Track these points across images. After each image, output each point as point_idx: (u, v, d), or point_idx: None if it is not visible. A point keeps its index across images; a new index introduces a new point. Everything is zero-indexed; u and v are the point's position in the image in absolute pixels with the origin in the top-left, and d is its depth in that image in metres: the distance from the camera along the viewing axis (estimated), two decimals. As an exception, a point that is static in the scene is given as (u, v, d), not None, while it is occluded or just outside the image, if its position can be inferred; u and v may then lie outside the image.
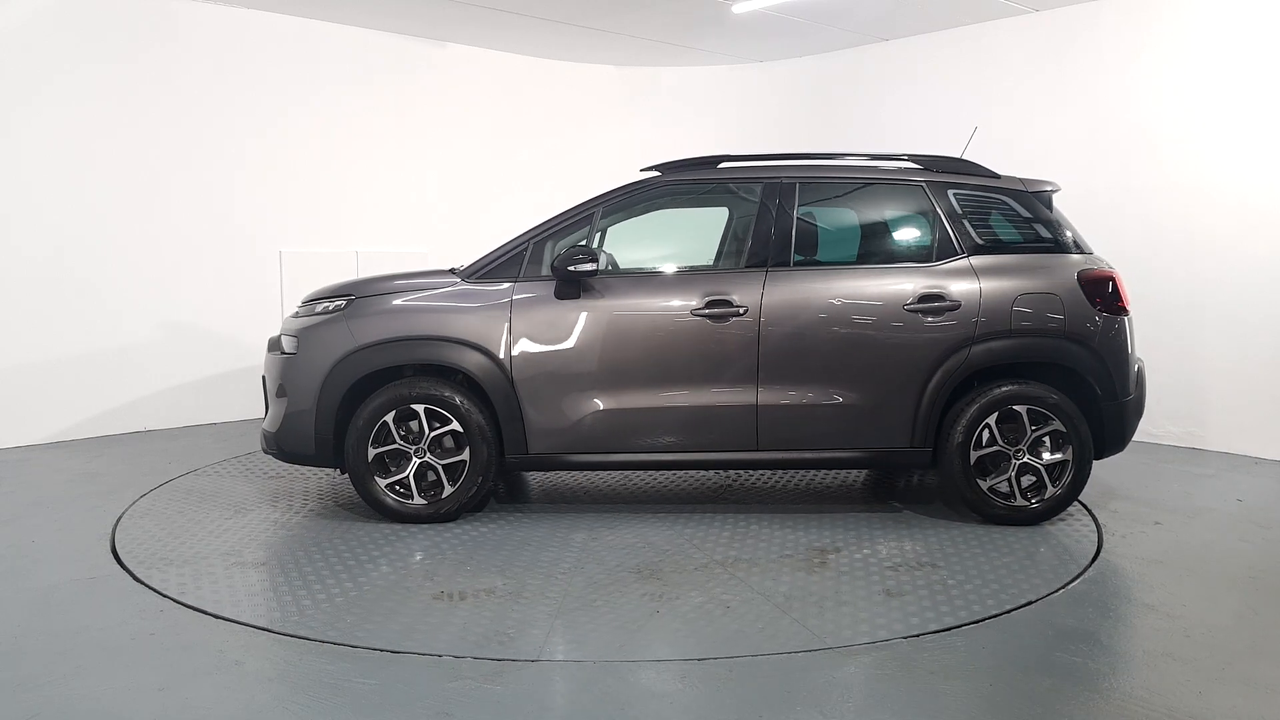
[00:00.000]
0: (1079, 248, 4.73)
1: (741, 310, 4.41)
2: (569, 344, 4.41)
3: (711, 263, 4.96)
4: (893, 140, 7.71)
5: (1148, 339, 6.40)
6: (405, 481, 4.44)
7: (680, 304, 4.45)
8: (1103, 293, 4.53)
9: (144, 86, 6.57)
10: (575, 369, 4.41)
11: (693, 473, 5.48)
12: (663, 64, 8.86)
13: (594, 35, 7.71)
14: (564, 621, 3.38)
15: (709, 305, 4.42)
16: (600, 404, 4.43)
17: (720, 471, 5.48)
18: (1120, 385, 4.51)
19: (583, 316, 4.42)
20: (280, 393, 4.52)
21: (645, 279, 4.60)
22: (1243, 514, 4.76)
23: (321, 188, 7.42)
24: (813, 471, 5.54)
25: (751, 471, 5.50)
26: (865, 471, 5.54)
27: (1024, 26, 6.93)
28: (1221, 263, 6.06)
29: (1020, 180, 4.84)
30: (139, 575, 3.81)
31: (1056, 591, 3.65)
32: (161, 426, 6.79)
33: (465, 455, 4.42)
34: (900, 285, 4.49)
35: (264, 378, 4.77)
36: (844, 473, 5.55)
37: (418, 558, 4.05)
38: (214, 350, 6.96)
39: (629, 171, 6.24)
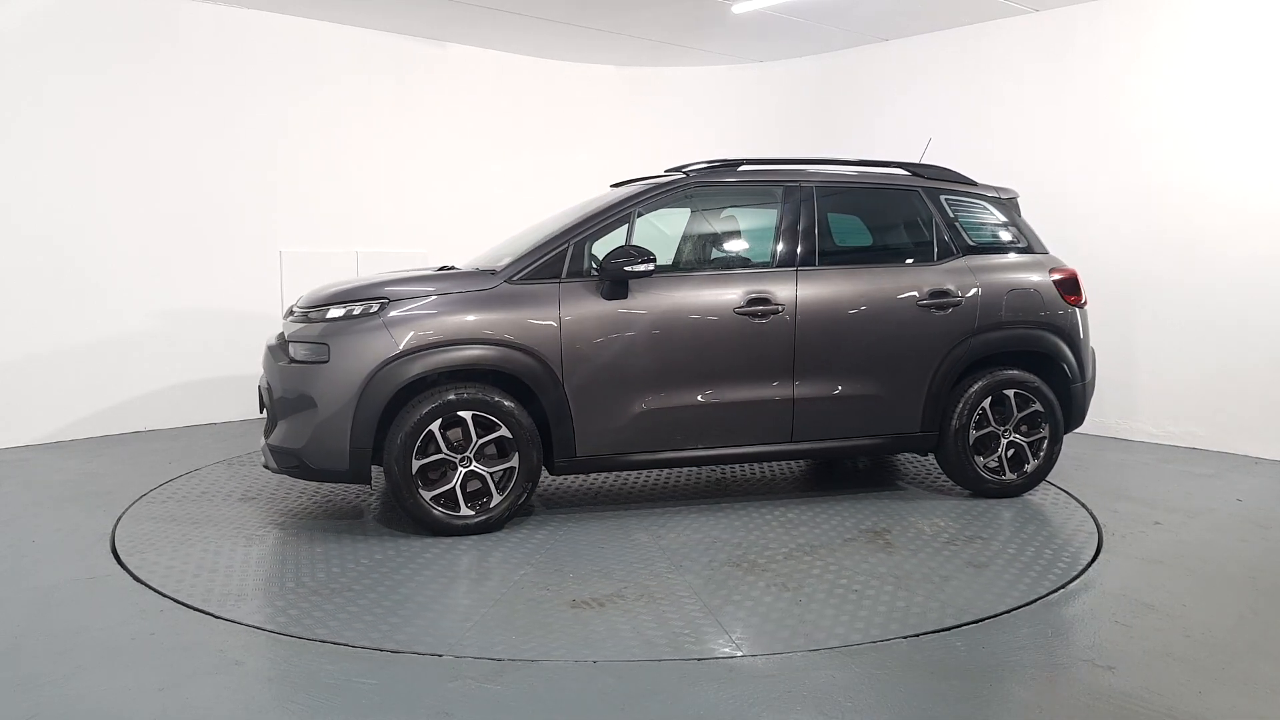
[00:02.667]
0: (1043, 248, 5.28)
1: (779, 308, 4.59)
2: (618, 344, 4.41)
3: (741, 262, 5.00)
4: (893, 140, 7.72)
5: (1147, 340, 6.42)
6: (451, 492, 4.25)
7: (723, 302, 4.57)
8: (1069, 288, 5.10)
9: (144, 86, 6.58)
10: (625, 369, 4.42)
11: (685, 469, 5.52)
12: (663, 64, 8.86)
13: (594, 35, 7.71)
14: (726, 618, 3.40)
15: (750, 303, 4.58)
16: (648, 403, 4.47)
17: (714, 467, 5.57)
18: (1082, 369, 5.12)
19: (631, 316, 4.43)
20: (303, 404, 4.17)
21: (686, 278, 4.67)
22: (1243, 514, 4.76)
23: (321, 188, 7.42)
24: (790, 461, 5.75)
25: (742, 465, 5.63)
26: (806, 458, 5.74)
27: (1024, 26, 6.94)
28: (1221, 263, 6.06)
29: (993, 187, 5.35)
30: (139, 575, 3.81)
31: (1056, 591, 3.66)
32: (161, 426, 6.79)
33: (514, 461, 4.28)
34: (912, 283, 4.85)
35: (267, 390, 4.43)
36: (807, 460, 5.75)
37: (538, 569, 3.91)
38: (214, 350, 6.96)
39: (630, 172, 6.25)
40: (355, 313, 4.25)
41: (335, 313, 4.29)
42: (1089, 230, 6.68)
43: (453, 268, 4.87)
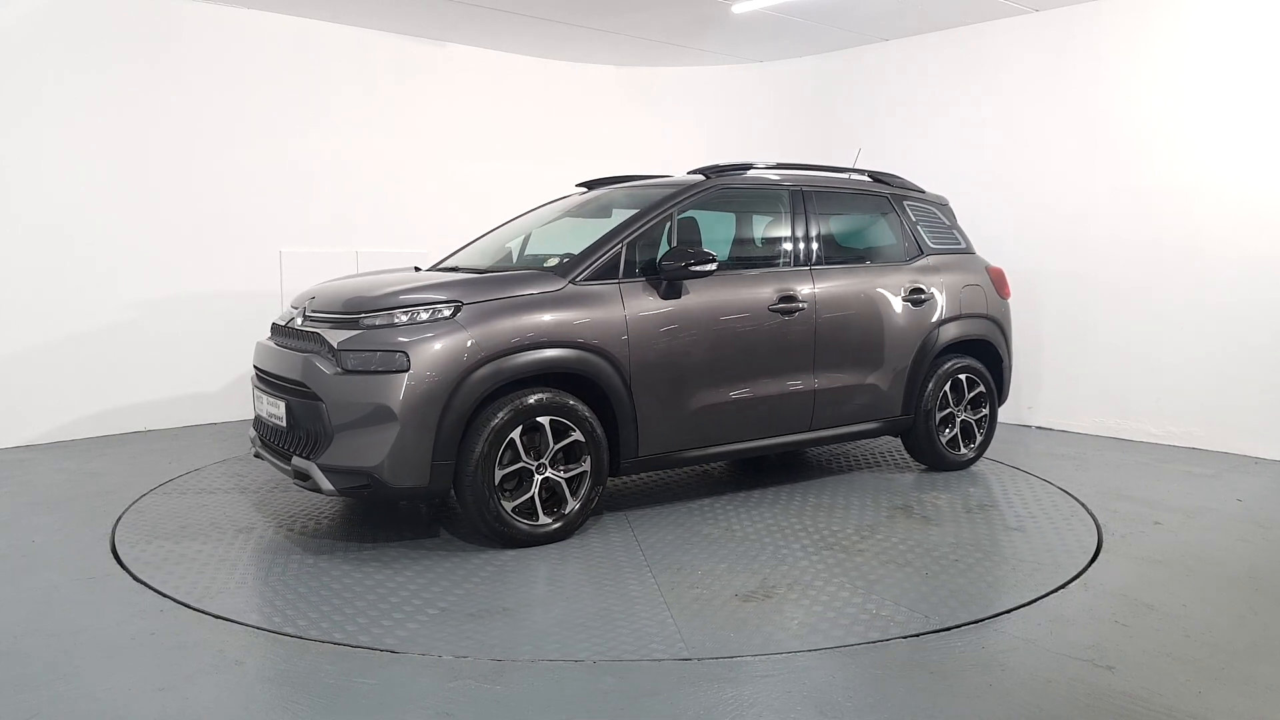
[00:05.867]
0: (972, 248, 5.92)
1: (803, 305, 4.87)
2: (677, 343, 4.47)
3: (765, 261, 5.14)
4: (893, 139, 7.72)
5: (1150, 339, 6.42)
6: (530, 501, 4.12)
7: (760, 300, 4.77)
8: (1001, 283, 5.83)
9: (143, 86, 6.58)
10: (682, 367, 4.49)
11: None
12: (663, 64, 8.86)
13: (594, 35, 7.71)
14: (894, 594, 3.61)
15: (781, 300, 4.82)
16: (701, 399, 4.57)
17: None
18: (1009, 353, 5.86)
19: (687, 315, 4.51)
20: (376, 418, 3.83)
21: (726, 277, 4.74)
22: (1243, 514, 4.76)
23: (321, 188, 7.42)
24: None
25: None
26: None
27: (1024, 26, 6.94)
28: (1220, 263, 6.06)
29: (933, 194, 5.96)
30: (139, 575, 3.81)
31: (1056, 591, 3.66)
32: (161, 426, 6.80)
33: (586, 465, 4.23)
34: (896, 280, 5.34)
35: (304, 405, 4.02)
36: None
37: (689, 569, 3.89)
38: (214, 350, 6.96)
39: (629, 172, 6.25)
40: (423, 317, 4.00)
41: (400, 317, 4.01)
42: (1087, 229, 6.69)
43: (440, 267, 4.87)
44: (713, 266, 4.44)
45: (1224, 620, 3.39)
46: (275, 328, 4.62)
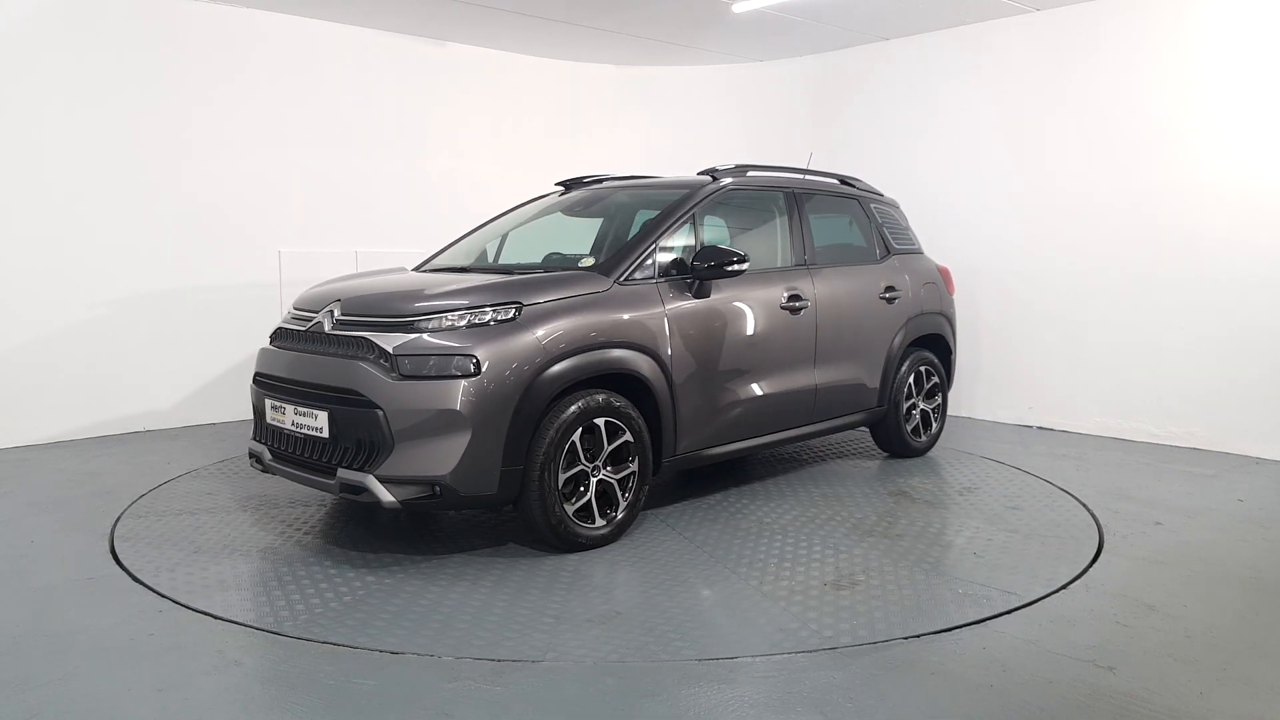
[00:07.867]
0: (921, 248, 6.24)
1: (807, 303, 5.04)
2: (709, 341, 4.54)
3: (771, 260, 5.22)
4: (894, 139, 7.72)
5: (1150, 339, 6.42)
6: (587, 504, 4.07)
7: (774, 298, 4.91)
8: (948, 281, 6.21)
9: (142, 85, 6.57)
10: (715, 364, 4.57)
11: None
12: (663, 64, 8.86)
13: (594, 35, 7.71)
14: (963, 574, 3.82)
15: (790, 299, 4.97)
16: (728, 396, 4.66)
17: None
18: (955, 346, 6.24)
19: (716, 314, 4.59)
20: (445, 425, 3.67)
21: (743, 277, 4.74)
22: (1243, 514, 4.75)
23: (321, 188, 7.42)
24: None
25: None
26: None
27: (1024, 26, 6.93)
28: (1221, 262, 6.06)
29: (890, 197, 6.24)
30: (139, 575, 3.81)
31: (1057, 591, 3.65)
32: (161, 426, 6.79)
33: (634, 466, 4.21)
34: (875, 279, 5.61)
35: (368, 415, 3.75)
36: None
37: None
38: (214, 350, 6.96)
39: (628, 171, 6.24)
40: (486, 319, 3.87)
41: (459, 320, 3.86)
42: (1088, 229, 6.68)
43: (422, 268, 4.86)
44: (745, 266, 4.46)
45: (1225, 620, 3.39)
46: (290, 333, 4.33)
